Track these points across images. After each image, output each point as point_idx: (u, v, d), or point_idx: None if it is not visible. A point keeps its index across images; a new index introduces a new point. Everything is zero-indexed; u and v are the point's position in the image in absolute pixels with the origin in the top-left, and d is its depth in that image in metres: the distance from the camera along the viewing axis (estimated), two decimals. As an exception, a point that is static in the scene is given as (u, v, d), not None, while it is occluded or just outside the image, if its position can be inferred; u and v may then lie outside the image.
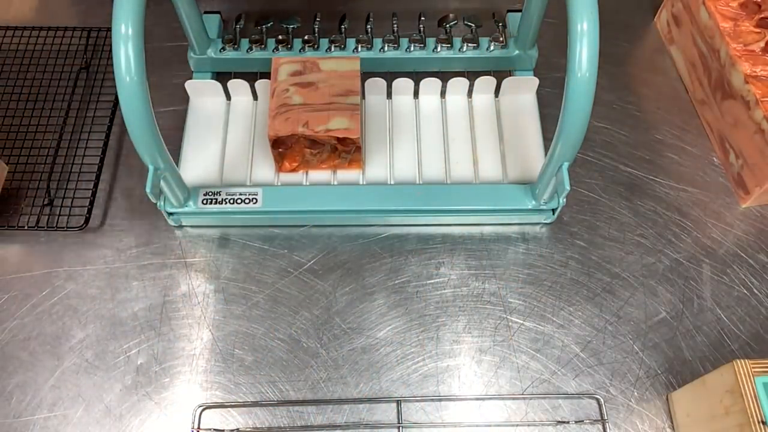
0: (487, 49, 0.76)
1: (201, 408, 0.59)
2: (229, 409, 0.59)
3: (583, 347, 0.62)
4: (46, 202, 0.68)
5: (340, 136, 0.64)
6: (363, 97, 0.73)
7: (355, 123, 0.64)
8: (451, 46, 0.76)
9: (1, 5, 0.84)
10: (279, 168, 0.69)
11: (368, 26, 0.76)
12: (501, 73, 0.77)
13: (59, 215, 0.68)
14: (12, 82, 0.77)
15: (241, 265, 0.66)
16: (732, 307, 0.64)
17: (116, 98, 0.75)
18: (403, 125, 0.72)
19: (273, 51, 0.75)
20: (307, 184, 0.69)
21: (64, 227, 0.67)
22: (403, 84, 0.72)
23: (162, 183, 0.59)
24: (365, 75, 0.71)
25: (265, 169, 0.69)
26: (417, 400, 0.59)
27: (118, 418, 0.58)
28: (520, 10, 0.75)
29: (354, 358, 0.61)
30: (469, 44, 0.76)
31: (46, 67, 0.78)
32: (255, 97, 0.74)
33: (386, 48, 0.75)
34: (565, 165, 0.57)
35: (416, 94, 0.74)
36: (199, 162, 0.70)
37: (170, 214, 0.66)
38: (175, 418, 0.58)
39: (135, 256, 0.66)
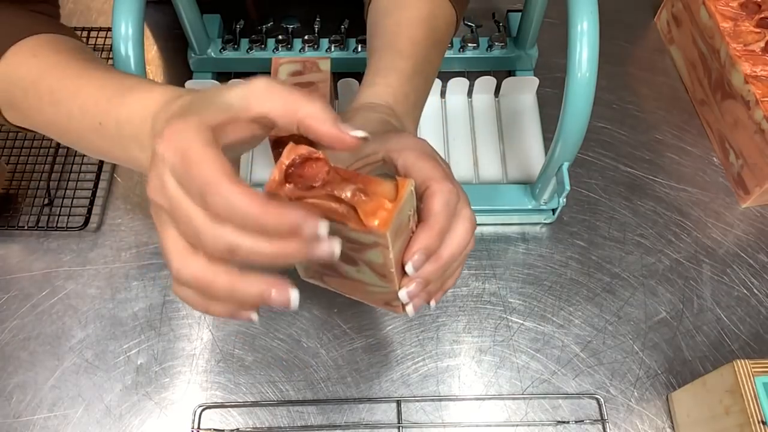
0: (487, 49, 0.76)
1: (201, 408, 0.59)
2: (229, 409, 0.59)
3: (583, 347, 0.62)
4: (46, 202, 0.68)
5: None
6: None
7: None
8: (451, 46, 0.76)
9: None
10: (279, 168, 0.69)
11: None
12: (501, 73, 0.77)
13: (59, 215, 0.68)
14: (12, 82, 0.77)
15: (241, 265, 0.66)
16: (732, 307, 0.64)
17: (116, 98, 0.74)
18: (403, 125, 0.72)
19: (273, 51, 0.75)
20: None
21: (64, 227, 0.67)
22: (403, 84, 0.72)
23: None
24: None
25: (265, 169, 0.69)
26: (417, 400, 0.59)
27: (118, 418, 0.58)
28: (520, 10, 0.75)
29: (354, 358, 0.61)
30: (469, 44, 0.76)
31: (46, 67, 0.78)
32: (255, 97, 0.74)
33: (386, 48, 0.75)
34: (565, 165, 0.57)
35: (416, 94, 0.74)
36: (199, 162, 0.70)
37: (170, 214, 0.66)
38: (175, 418, 0.58)
39: (135, 256, 0.66)
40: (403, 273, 0.36)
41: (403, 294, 0.37)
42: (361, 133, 0.33)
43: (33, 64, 0.44)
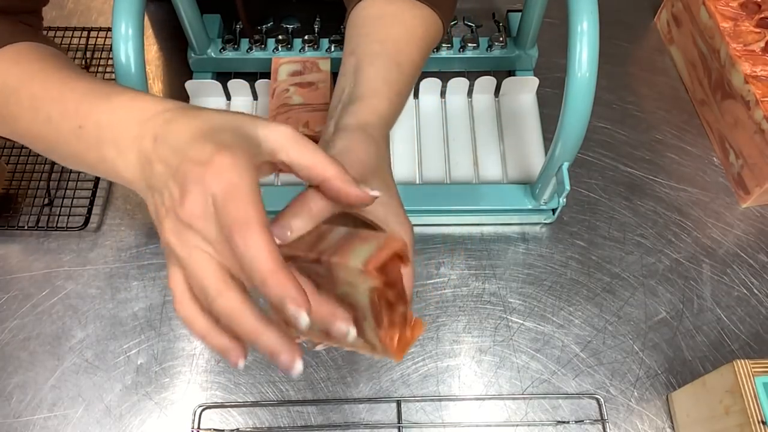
0: (487, 49, 0.76)
1: (201, 408, 0.59)
2: (229, 409, 0.59)
3: (583, 347, 0.62)
4: (46, 202, 0.68)
5: None
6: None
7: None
8: (451, 46, 0.76)
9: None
10: (279, 168, 0.69)
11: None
12: (501, 73, 0.77)
13: (59, 215, 0.68)
14: (12, 82, 0.77)
15: (241, 265, 0.66)
16: (732, 307, 0.64)
17: (116, 98, 0.74)
18: (403, 125, 0.72)
19: (273, 51, 0.75)
20: (308, 184, 0.68)
21: (64, 227, 0.67)
22: (403, 84, 0.72)
23: (162, 183, 0.59)
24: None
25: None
26: (417, 400, 0.59)
27: (118, 418, 0.58)
28: (520, 10, 0.75)
29: (354, 358, 0.61)
30: (469, 44, 0.76)
31: (46, 67, 0.78)
32: (255, 97, 0.74)
33: (386, 48, 0.75)
34: (565, 165, 0.57)
35: (416, 94, 0.74)
36: (199, 162, 0.70)
37: (170, 214, 0.66)
38: (175, 418, 0.58)
39: (135, 256, 0.66)
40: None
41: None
42: (376, 193, 0.38)
43: (15, 72, 0.44)
